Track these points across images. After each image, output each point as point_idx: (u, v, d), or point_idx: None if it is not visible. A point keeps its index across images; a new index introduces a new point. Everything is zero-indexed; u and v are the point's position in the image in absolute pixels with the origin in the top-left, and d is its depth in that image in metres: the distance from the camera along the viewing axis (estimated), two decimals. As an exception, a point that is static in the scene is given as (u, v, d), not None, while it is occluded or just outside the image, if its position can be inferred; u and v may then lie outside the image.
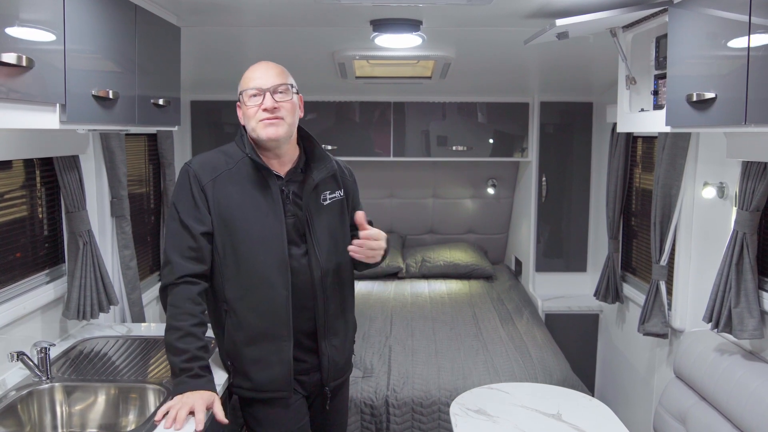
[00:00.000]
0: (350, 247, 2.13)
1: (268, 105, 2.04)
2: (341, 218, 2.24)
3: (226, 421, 1.96)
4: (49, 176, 2.69)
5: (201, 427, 1.87)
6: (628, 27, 2.65)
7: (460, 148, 4.62)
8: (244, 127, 2.16)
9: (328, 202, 2.20)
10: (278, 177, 2.12)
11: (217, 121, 4.50)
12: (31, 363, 2.20)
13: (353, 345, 2.39)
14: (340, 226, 2.23)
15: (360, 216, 2.16)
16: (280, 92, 2.07)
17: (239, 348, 2.13)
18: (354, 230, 2.33)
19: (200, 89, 4.29)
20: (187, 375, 1.97)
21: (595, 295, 4.06)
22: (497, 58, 3.69)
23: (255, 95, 2.05)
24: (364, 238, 2.13)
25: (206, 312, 2.07)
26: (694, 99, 1.96)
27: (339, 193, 2.24)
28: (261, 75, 2.07)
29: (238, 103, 2.12)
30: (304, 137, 2.21)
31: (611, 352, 4.25)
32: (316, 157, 2.19)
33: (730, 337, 2.58)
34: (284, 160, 2.15)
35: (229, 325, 2.13)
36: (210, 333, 2.25)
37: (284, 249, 2.08)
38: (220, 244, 2.07)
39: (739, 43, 1.80)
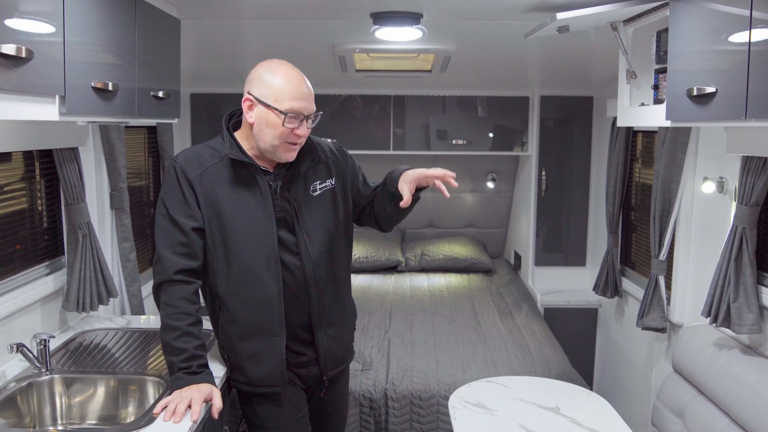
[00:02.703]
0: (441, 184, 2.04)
1: (303, 132, 2.02)
2: (333, 208, 2.21)
3: (215, 416, 1.97)
4: (48, 168, 2.69)
5: (196, 416, 1.88)
6: (628, 21, 2.64)
7: (460, 141, 4.61)
8: (227, 123, 2.13)
9: (318, 192, 2.17)
10: (266, 172, 2.10)
11: (217, 114, 4.46)
12: (30, 355, 2.20)
13: (353, 332, 2.39)
14: (332, 217, 2.20)
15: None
16: (312, 119, 2.05)
17: (233, 343, 2.13)
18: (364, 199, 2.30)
19: (200, 82, 4.29)
20: (185, 372, 1.97)
21: (594, 289, 4.07)
22: (498, 51, 3.69)
23: (295, 118, 1.99)
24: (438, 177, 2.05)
25: (200, 310, 2.05)
26: (695, 93, 1.96)
27: (330, 182, 2.20)
28: (306, 97, 2.01)
29: (251, 98, 2.01)
30: None
31: (610, 346, 4.26)
32: (303, 150, 2.14)
33: (729, 331, 2.59)
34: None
35: (222, 321, 2.12)
36: (208, 325, 2.26)
37: (274, 244, 2.06)
38: (210, 239, 2.05)
39: (739, 37, 1.79)
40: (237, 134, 2.11)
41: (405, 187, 2.06)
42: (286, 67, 2.03)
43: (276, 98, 1.98)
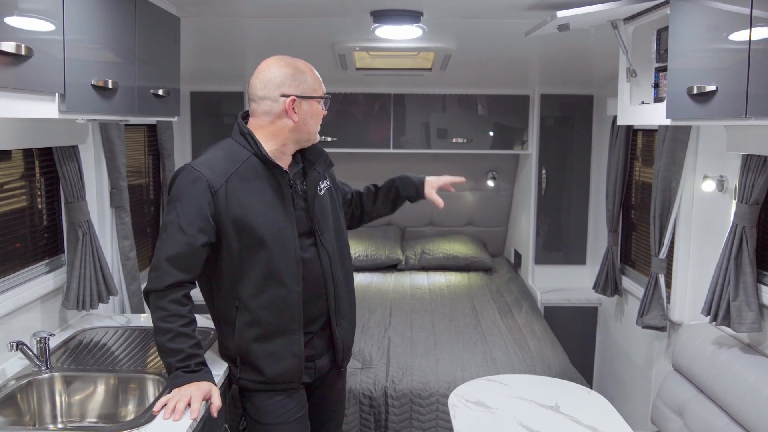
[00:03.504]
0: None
1: (325, 111, 2.19)
2: (333, 205, 2.29)
3: (214, 414, 1.97)
4: (48, 166, 2.69)
5: (195, 414, 1.88)
6: (629, 19, 2.64)
7: (460, 140, 4.61)
8: (244, 119, 2.14)
9: (323, 192, 2.24)
10: (285, 172, 2.12)
11: (217, 112, 4.48)
12: (30, 353, 2.20)
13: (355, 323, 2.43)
14: (334, 212, 2.27)
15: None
16: None
17: (250, 344, 2.12)
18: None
19: (200, 80, 4.28)
20: (184, 371, 1.97)
21: (594, 287, 4.06)
22: (498, 50, 3.68)
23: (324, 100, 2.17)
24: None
25: (192, 310, 2.03)
26: (695, 92, 1.96)
27: (327, 182, 2.29)
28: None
29: (295, 97, 2.07)
30: None
31: (610, 344, 4.26)
32: (311, 150, 2.21)
33: (729, 330, 2.58)
34: (288, 157, 2.16)
35: (240, 322, 2.11)
36: (208, 323, 2.25)
37: (296, 245, 2.10)
38: (235, 244, 2.04)
39: (740, 36, 1.79)
40: (257, 135, 2.10)
41: (434, 193, 2.59)
42: (297, 60, 2.14)
43: (313, 88, 2.13)
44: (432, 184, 2.59)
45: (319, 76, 2.16)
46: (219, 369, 2.18)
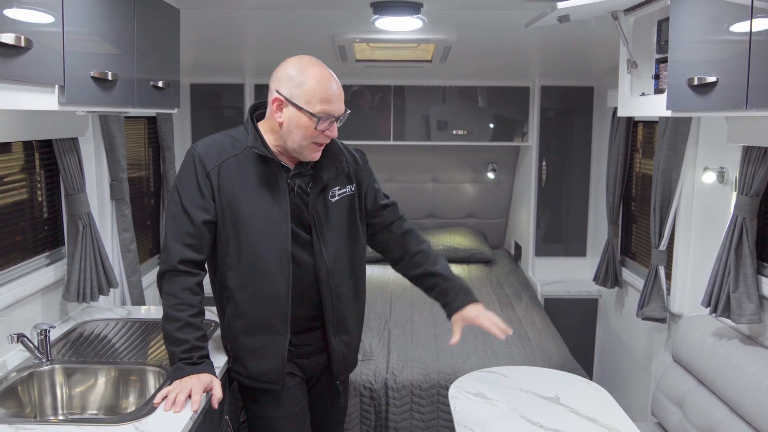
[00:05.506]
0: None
1: (333, 134, 2.01)
2: (351, 213, 2.20)
3: (215, 406, 1.97)
4: (48, 159, 2.69)
5: (196, 407, 1.89)
6: (629, 10, 2.63)
7: (461, 132, 4.61)
8: (252, 114, 2.11)
9: (337, 198, 2.14)
10: (286, 168, 2.07)
11: (217, 104, 4.47)
12: (31, 345, 2.20)
13: (360, 337, 2.39)
14: (349, 222, 2.19)
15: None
16: (340, 119, 2.03)
17: (237, 336, 2.13)
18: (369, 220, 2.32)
19: (200, 72, 4.27)
20: (186, 362, 1.97)
21: (594, 279, 4.07)
22: (498, 41, 3.67)
23: (326, 120, 1.97)
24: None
25: (203, 301, 2.04)
26: (696, 83, 1.95)
27: (350, 188, 2.19)
28: (337, 98, 2.00)
29: (282, 98, 1.97)
30: None
31: (610, 336, 4.27)
32: (328, 153, 2.12)
33: (729, 321, 2.59)
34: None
35: (228, 313, 2.12)
36: (212, 317, 2.26)
37: (287, 242, 2.05)
38: (223, 231, 2.04)
39: (741, 27, 1.79)
40: (261, 127, 2.08)
41: (457, 326, 2.31)
42: (317, 67, 1.99)
43: (308, 100, 1.95)
44: (466, 317, 2.32)
45: (333, 96, 1.97)
46: (220, 361, 2.19)
